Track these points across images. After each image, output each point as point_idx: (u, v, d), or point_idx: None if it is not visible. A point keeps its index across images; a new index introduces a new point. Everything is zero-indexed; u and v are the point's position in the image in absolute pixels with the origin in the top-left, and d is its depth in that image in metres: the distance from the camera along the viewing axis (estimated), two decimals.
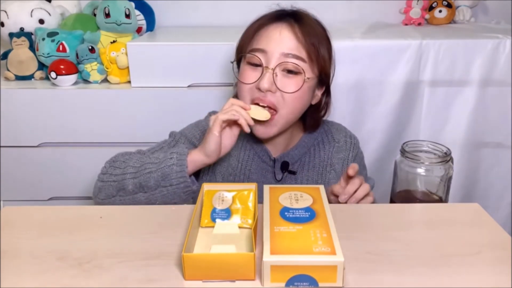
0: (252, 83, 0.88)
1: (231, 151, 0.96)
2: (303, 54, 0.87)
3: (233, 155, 0.97)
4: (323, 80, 0.93)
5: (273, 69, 0.86)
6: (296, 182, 0.97)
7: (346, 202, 0.82)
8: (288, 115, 0.90)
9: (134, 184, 0.85)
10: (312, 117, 0.98)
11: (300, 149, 0.98)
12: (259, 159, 0.97)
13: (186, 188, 0.84)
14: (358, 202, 0.82)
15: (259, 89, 0.87)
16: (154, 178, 0.84)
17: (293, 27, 0.88)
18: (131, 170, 0.86)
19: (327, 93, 0.97)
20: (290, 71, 0.87)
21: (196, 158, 0.85)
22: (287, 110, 0.89)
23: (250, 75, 0.89)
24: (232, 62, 0.96)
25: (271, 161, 0.97)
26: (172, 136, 1.00)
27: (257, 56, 0.88)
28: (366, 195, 0.83)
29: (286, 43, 0.87)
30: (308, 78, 0.88)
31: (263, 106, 0.87)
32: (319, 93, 0.96)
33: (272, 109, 0.88)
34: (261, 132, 0.91)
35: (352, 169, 0.84)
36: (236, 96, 0.96)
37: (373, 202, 0.85)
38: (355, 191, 0.82)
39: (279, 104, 0.88)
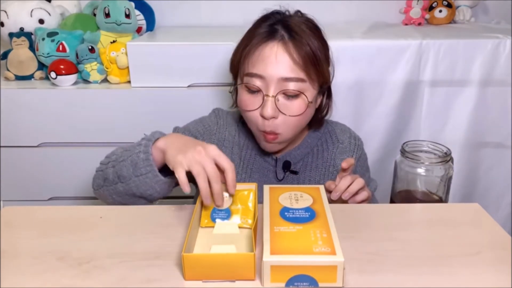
0: (254, 110, 0.87)
1: (233, 149, 0.96)
2: (302, 75, 0.84)
3: (235, 154, 0.96)
4: (324, 88, 0.92)
5: (274, 96, 0.84)
6: (298, 182, 0.96)
7: (345, 200, 0.82)
8: (293, 131, 0.89)
9: (113, 173, 0.82)
10: (316, 119, 0.97)
11: (303, 149, 0.97)
12: (261, 158, 0.97)
13: (156, 178, 0.77)
14: (353, 197, 0.82)
15: (262, 116, 0.86)
16: (126, 167, 0.79)
17: (287, 46, 0.84)
18: (113, 158, 0.84)
19: (328, 94, 0.96)
20: (290, 95, 0.86)
21: (162, 147, 0.76)
22: (292, 128, 0.88)
23: (250, 101, 0.87)
24: (230, 92, 0.96)
25: (273, 161, 0.97)
26: (175, 131, 0.99)
27: (255, 84, 0.85)
28: (361, 189, 0.82)
29: (283, 66, 0.83)
30: (310, 102, 0.87)
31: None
32: (319, 99, 0.94)
33: (277, 133, 0.88)
34: (268, 148, 0.92)
35: (346, 162, 0.83)
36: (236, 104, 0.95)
37: (369, 197, 0.84)
38: (348, 187, 0.81)
39: (283, 126, 0.87)
